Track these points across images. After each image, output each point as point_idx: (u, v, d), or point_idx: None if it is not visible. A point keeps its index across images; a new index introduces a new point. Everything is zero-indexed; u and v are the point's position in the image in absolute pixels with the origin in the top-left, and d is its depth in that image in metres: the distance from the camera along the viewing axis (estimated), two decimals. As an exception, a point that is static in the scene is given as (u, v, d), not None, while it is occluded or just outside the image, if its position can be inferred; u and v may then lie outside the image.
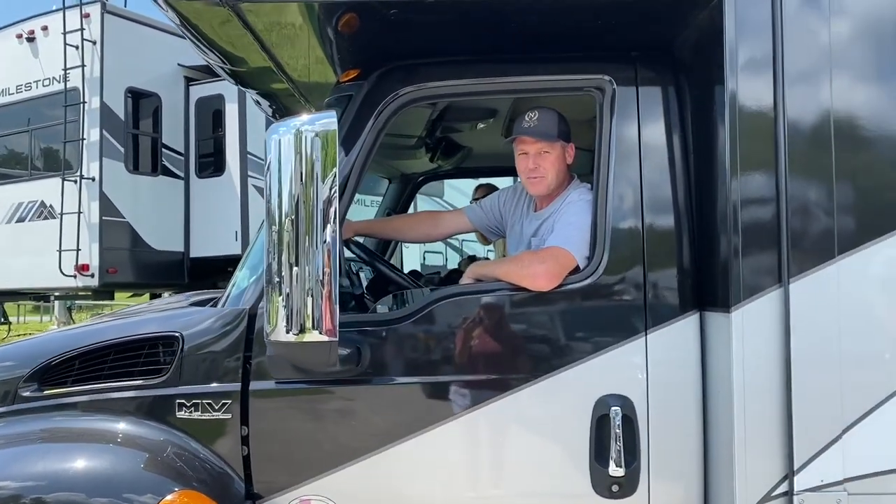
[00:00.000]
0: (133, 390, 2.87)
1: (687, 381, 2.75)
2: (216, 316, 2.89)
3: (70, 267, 10.79)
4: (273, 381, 2.76)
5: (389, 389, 2.79)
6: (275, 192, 2.31)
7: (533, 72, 2.95)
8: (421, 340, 2.78)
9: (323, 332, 2.25)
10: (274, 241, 2.32)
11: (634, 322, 2.75)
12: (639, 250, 2.79)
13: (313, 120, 2.29)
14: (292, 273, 2.25)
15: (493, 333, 2.79)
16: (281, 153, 2.30)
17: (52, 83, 11.28)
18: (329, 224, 2.32)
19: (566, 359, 2.75)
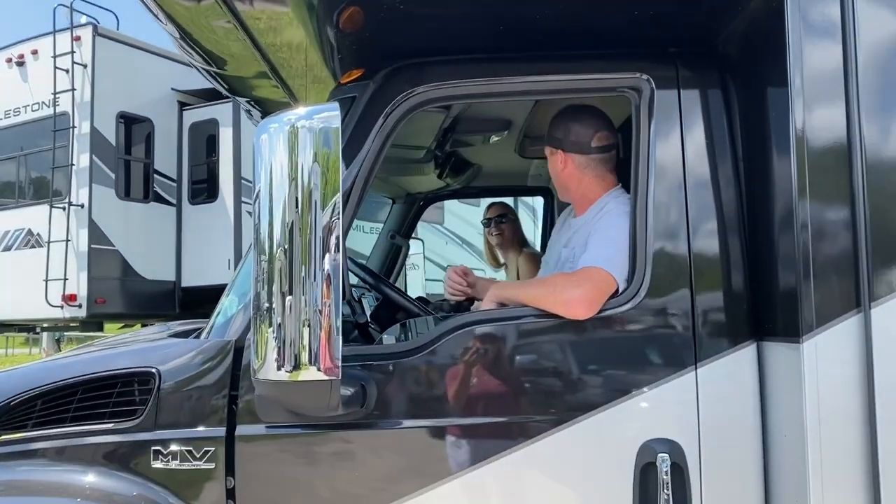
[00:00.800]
0: (102, 435, 2.48)
1: (744, 421, 2.37)
2: (198, 349, 2.51)
3: (57, 297, 10.38)
4: (263, 424, 2.37)
5: (399, 435, 2.40)
6: (264, 206, 1.95)
7: (559, 70, 2.60)
8: (435, 376, 2.40)
9: (322, 370, 1.87)
10: (263, 268, 1.95)
11: (682, 354, 2.38)
12: (685, 271, 2.42)
13: (312, 113, 1.93)
14: (285, 302, 1.88)
15: (518, 368, 2.41)
16: (272, 157, 1.94)
17: (42, 108, 10.97)
18: (331, 247, 1.95)
19: (604, 398, 2.37)
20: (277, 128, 1.93)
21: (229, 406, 2.40)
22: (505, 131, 3.70)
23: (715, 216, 2.46)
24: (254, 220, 1.98)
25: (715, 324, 2.40)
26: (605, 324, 2.41)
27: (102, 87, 10.68)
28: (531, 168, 4.71)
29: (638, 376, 2.37)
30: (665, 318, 2.40)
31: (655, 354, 2.40)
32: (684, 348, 2.38)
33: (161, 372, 2.46)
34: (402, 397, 2.39)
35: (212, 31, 2.77)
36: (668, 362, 2.38)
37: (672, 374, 2.37)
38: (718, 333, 2.40)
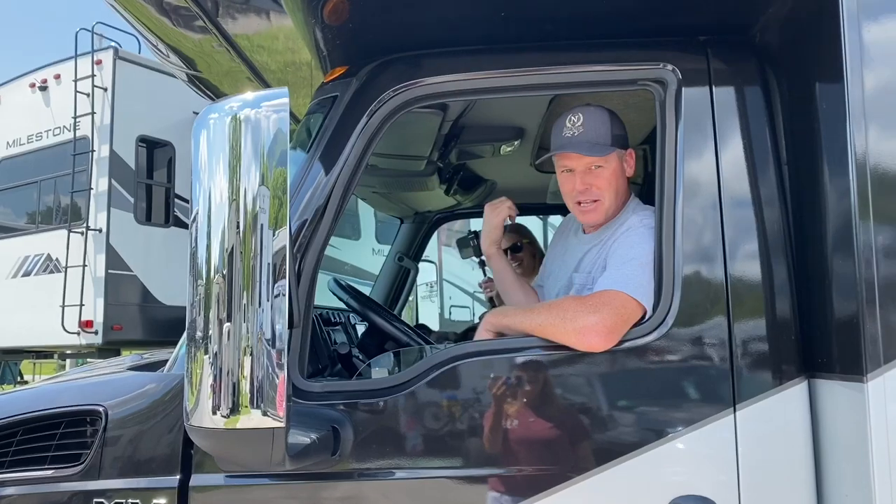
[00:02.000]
0: (42, 484, 2.15)
1: (793, 475, 1.98)
2: (152, 384, 2.18)
3: (73, 323, 10.16)
4: (222, 473, 2.03)
5: (384, 487, 2.03)
6: (201, 217, 1.62)
7: (568, 61, 2.25)
8: (420, 418, 2.03)
9: (266, 414, 1.52)
10: (199, 294, 1.61)
11: (718, 393, 2.00)
12: (721, 295, 2.04)
13: (259, 100, 1.60)
14: (222, 330, 1.54)
15: (520, 410, 2.03)
16: (209, 152, 1.61)
17: (63, 132, 10.87)
18: (282, 267, 1.60)
19: (624, 447, 1.98)
20: (216, 118, 1.60)
21: (184, 451, 2.06)
22: (517, 140, 3.34)
23: (756, 232, 2.09)
24: (189, 234, 1.65)
25: (757, 357, 2.01)
26: (624, 357, 2.03)
27: (122, 110, 10.54)
28: (550, 184, 4.33)
29: (665, 420, 1.99)
30: (697, 350, 2.02)
31: (686, 394, 2.02)
32: (720, 386, 2.00)
33: (108, 410, 2.13)
34: (384, 443, 2.02)
35: (193, 41, 2.51)
36: (701, 403, 2.00)
37: (706, 418, 1.98)
38: (761, 369, 2.01)
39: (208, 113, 1.64)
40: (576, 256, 2.40)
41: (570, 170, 2.33)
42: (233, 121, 1.61)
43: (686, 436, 1.98)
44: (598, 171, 2.29)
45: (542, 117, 3.14)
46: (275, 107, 1.59)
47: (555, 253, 2.64)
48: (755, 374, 2.00)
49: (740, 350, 2.00)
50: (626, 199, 2.37)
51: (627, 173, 2.36)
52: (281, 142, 1.61)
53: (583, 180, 2.31)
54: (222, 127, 1.63)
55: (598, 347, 1.99)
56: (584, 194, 2.31)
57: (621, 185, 2.34)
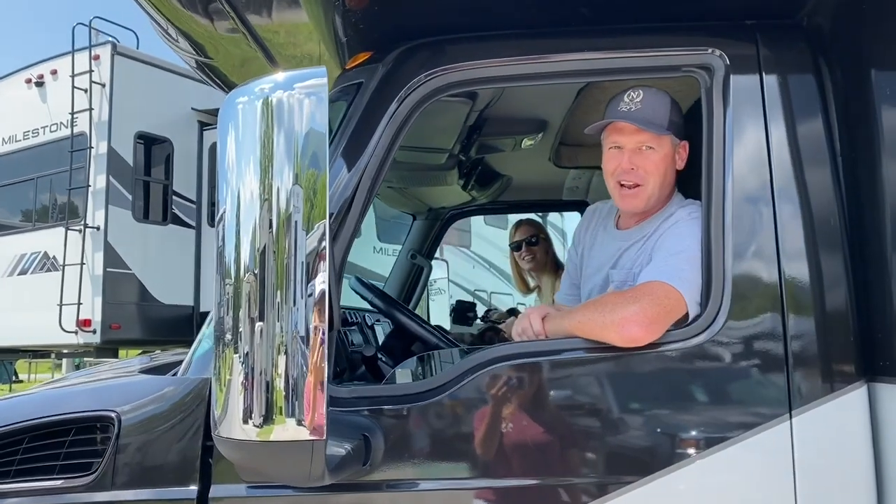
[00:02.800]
0: (50, 495, 2.02)
1: (854, 485, 1.86)
2: (168, 388, 2.04)
3: (71, 322, 10.01)
4: (244, 484, 1.90)
5: (414, 499, 1.91)
6: (229, 213, 1.50)
7: (609, 46, 2.12)
8: (457, 425, 1.90)
9: (304, 425, 1.39)
10: (228, 293, 1.49)
11: (773, 399, 1.88)
12: (775, 294, 1.92)
13: (292, 81, 1.46)
14: (254, 329, 1.41)
15: (561, 416, 1.91)
16: (238, 140, 1.48)
17: (60, 128, 10.71)
18: (317, 266, 1.48)
19: (672, 456, 1.86)
20: (246, 101, 1.47)
21: (203, 460, 1.93)
22: (539, 134, 3.22)
23: (811, 228, 1.97)
24: (217, 232, 1.53)
25: (814, 360, 1.89)
26: (671, 359, 1.90)
27: (120, 106, 10.39)
28: (567, 180, 4.21)
29: (716, 427, 1.87)
30: (750, 352, 1.90)
31: (738, 399, 1.90)
32: (775, 391, 1.88)
33: (121, 417, 2.00)
34: (417, 451, 1.89)
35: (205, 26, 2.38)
36: (754, 409, 1.88)
37: (760, 425, 1.86)
38: (818, 372, 1.90)
39: (236, 97, 1.51)
40: (611, 252, 2.27)
41: (618, 147, 2.19)
42: (264, 106, 1.48)
43: (739, 444, 1.85)
44: (648, 152, 2.17)
45: (567, 110, 3.02)
46: (310, 88, 1.46)
47: (583, 249, 2.50)
48: (812, 377, 1.88)
49: (796, 352, 1.88)
50: (670, 192, 2.25)
51: (678, 165, 2.23)
52: (318, 133, 1.47)
53: (630, 160, 2.17)
54: (252, 114, 1.50)
55: (640, 339, 1.86)
56: (628, 174, 2.17)
57: (668, 175, 2.21)
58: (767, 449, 1.85)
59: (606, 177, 2.24)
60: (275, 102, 1.49)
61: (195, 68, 3.00)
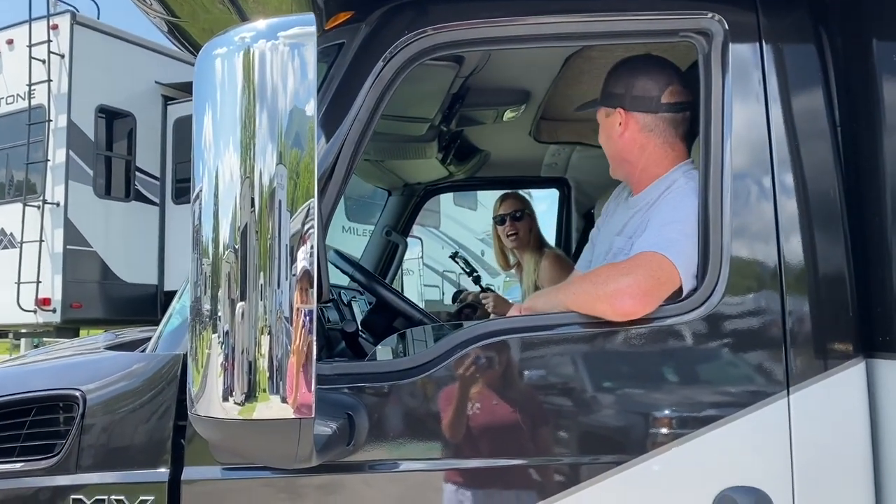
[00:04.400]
0: (10, 478, 1.89)
1: (852, 462, 1.81)
2: (136, 365, 1.93)
3: (30, 301, 9.74)
4: (218, 466, 1.79)
5: (399, 480, 1.82)
6: (207, 183, 1.38)
7: (603, 7, 2.03)
8: (444, 403, 1.82)
9: (289, 403, 1.29)
10: (205, 272, 1.38)
11: (770, 375, 1.82)
12: (774, 269, 1.85)
13: (276, 29, 1.35)
14: (235, 309, 1.31)
15: (554, 394, 1.83)
16: (216, 104, 1.37)
17: (17, 101, 10.35)
18: (305, 241, 1.38)
19: (668, 434, 1.80)
20: (226, 52, 1.35)
21: (175, 441, 1.83)
22: (522, 105, 3.13)
23: (810, 201, 1.90)
24: (193, 209, 1.41)
25: (812, 336, 1.84)
26: (666, 335, 1.84)
27: (81, 78, 10.07)
28: (546, 156, 4.14)
29: (712, 404, 1.81)
30: (747, 328, 1.84)
31: (735, 375, 1.84)
32: (773, 367, 1.82)
33: (86, 395, 1.88)
34: (404, 430, 1.80)
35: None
36: (751, 385, 1.82)
37: (757, 402, 1.81)
38: (817, 348, 1.84)
39: (213, 48, 1.38)
40: (621, 220, 2.21)
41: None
42: (245, 60, 1.36)
43: (735, 421, 1.80)
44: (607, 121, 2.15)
45: (551, 81, 2.93)
46: (298, 39, 1.34)
47: (600, 223, 2.45)
48: (810, 353, 1.83)
49: (794, 327, 1.83)
50: (670, 161, 2.17)
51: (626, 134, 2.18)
52: (304, 94, 1.37)
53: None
54: (231, 71, 1.38)
55: (633, 312, 1.79)
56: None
57: (633, 144, 2.17)
58: (764, 426, 1.79)
59: None
60: (257, 56, 1.37)
61: (166, 33, 2.84)
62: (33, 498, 1.87)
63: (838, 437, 1.82)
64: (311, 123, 1.42)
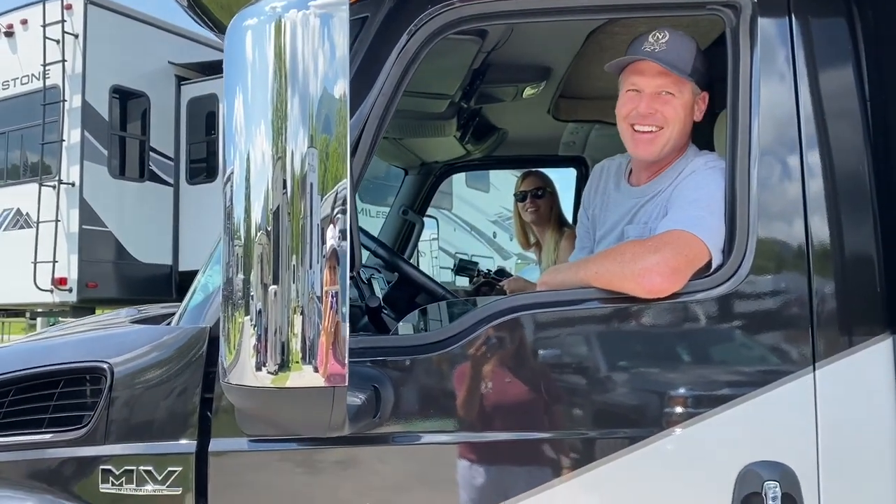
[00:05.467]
0: (39, 449, 1.93)
1: (878, 439, 1.81)
2: (163, 338, 1.94)
3: (46, 281, 9.83)
4: (245, 438, 1.81)
5: (423, 452, 1.83)
6: (237, 156, 1.39)
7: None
8: (469, 377, 1.82)
9: (321, 373, 1.30)
10: (237, 254, 1.40)
11: (796, 351, 1.81)
12: (801, 244, 1.84)
13: (306, 0, 1.34)
14: (268, 291, 1.32)
15: (578, 368, 1.83)
16: (249, 77, 1.37)
17: (32, 81, 10.38)
18: (339, 217, 1.39)
19: (693, 409, 1.80)
20: (256, 23, 1.35)
21: (202, 413, 1.85)
22: (542, 82, 3.11)
23: (839, 177, 1.88)
24: (224, 191, 1.42)
25: (839, 312, 1.83)
26: (692, 310, 1.83)
27: (95, 58, 10.09)
28: (564, 134, 4.12)
29: (737, 380, 1.81)
30: (774, 303, 1.83)
31: (760, 351, 1.83)
32: (799, 343, 1.81)
33: (114, 368, 1.90)
34: (429, 403, 1.81)
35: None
36: (777, 362, 1.81)
37: (782, 378, 1.80)
38: (843, 324, 1.83)
39: (243, 20, 1.38)
40: (627, 209, 2.18)
41: (637, 90, 2.08)
42: (276, 31, 1.36)
43: (760, 398, 1.79)
44: (668, 98, 2.06)
45: (573, 57, 2.91)
46: (327, 8, 1.34)
47: (594, 211, 2.40)
48: (837, 329, 1.82)
49: (821, 303, 1.82)
50: (685, 144, 2.15)
51: (696, 117, 2.13)
52: (335, 75, 1.37)
53: (649, 104, 2.06)
54: (262, 47, 1.38)
55: (660, 290, 1.78)
56: (644, 119, 2.06)
57: (686, 125, 2.11)
58: (790, 402, 1.79)
59: (620, 121, 2.14)
60: (288, 29, 1.37)
61: (185, 7, 2.83)
62: (63, 468, 1.90)
63: (864, 414, 1.81)
64: (342, 104, 1.43)
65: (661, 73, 2.05)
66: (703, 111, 2.16)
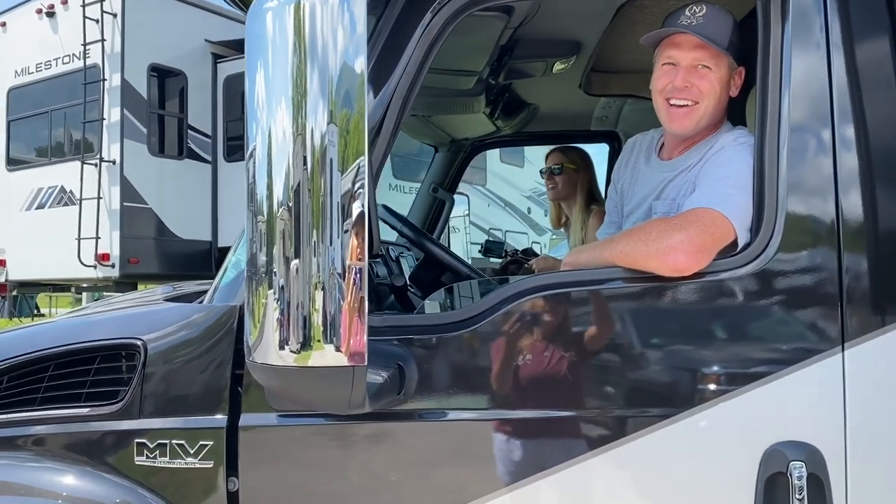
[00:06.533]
0: (76, 422, 1.99)
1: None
2: (195, 315, 1.99)
3: (90, 256, 10.08)
4: (274, 413, 1.85)
5: (447, 428, 1.86)
6: (259, 132, 1.42)
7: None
8: (492, 355, 1.84)
9: (342, 351, 1.32)
10: (260, 230, 1.42)
11: (824, 330, 1.79)
12: (831, 222, 1.81)
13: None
14: (290, 267, 1.35)
15: (603, 347, 1.83)
16: (270, 54, 1.39)
17: (73, 60, 10.57)
18: (360, 193, 1.40)
19: (718, 388, 1.79)
20: (276, 8, 1.36)
21: (232, 389, 1.89)
22: (572, 57, 3.07)
23: (872, 152, 1.84)
24: (247, 168, 1.45)
25: (869, 292, 1.80)
26: (719, 289, 1.81)
27: (133, 37, 10.21)
28: (596, 109, 4.07)
29: (764, 360, 1.79)
30: (802, 282, 1.80)
31: (788, 331, 1.81)
32: (827, 323, 1.78)
33: (147, 344, 1.95)
34: (452, 381, 1.83)
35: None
36: (804, 341, 1.79)
37: (810, 358, 1.77)
38: (874, 305, 1.80)
39: (263, 3, 1.40)
40: (655, 184, 2.16)
41: (673, 63, 2.06)
42: (295, 15, 1.37)
43: (787, 377, 1.78)
44: (704, 71, 2.04)
45: (603, 31, 2.87)
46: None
47: (623, 185, 2.38)
48: (866, 309, 1.79)
49: (850, 283, 1.79)
50: (720, 120, 2.12)
51: (732, 92, 2.10)
52: (354, 51, 1.38)
53: (685, 77, 2.04)
54: (282, 25, 1.39)
55: (686, 268, 1.77)
56: (680, 93, 2.04)
57: (722, 100, 2.08)
58: (818, 383, 1.77)
59: (655, 95, 2.12)
60: (307, 9, 1.38)
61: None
62: (100, 441, 1.97)
63: (893, 395, 1.78)
64: (362, 80, 1.44)
65: (698, 47, 2.02)
66: (740, 87, 2.13)
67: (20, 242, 11.05)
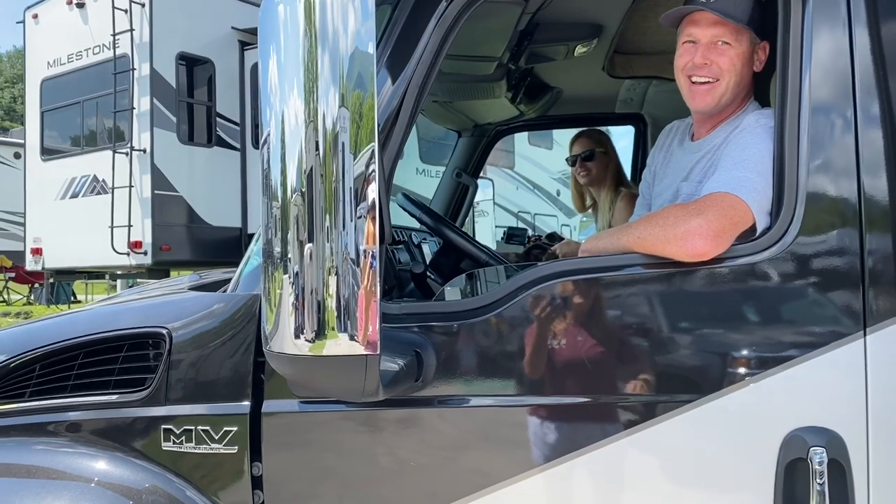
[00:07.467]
0: (106, 409, 2.05)
1: (931, 407, 1.75)
2: (217, 305, 2.03)
3: (122, 244, 10.26)
4: (297, 399, 1.89)
5: (467, 414, 1.88)
6: (272, 118, 1.43)
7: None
8: (510, 342, 1.85)
9: (357, 340, 1.34)
10: (275, 216, 1.44)
11: (846, 316, 1.76)
12: (853, 207, 1.78)
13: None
14: (304, 251, 1.37)
15: (621, 333, 1.83)
16: (282, 39, 1.40)
17: (103, 50, 10.71)
18: (371, 184, 1.42)
19: (737, 374, 1.78)
20: (288, 2, 1.38)
21: (255, 376, 1.93)
22: (594, 40, 3.04)
23: (895, 133, 1.80)
24: (261, 154, 1.47)
25: (892, 276, 1.76)
26: (738, 274, 1.80)
27: (161, 26, 10.32)
28: (621, 91, 4.03)
29: (784, 344, 1.77)
30: (823, 266, 1.78)
31: (809, 315, 1.79)
32: (849, 307, 1.76)
33: (173, 333, 1.99)
34: (470, 368, 1.85)
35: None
36: (825, 327, 1.77)
37: (831, 343, 1.75)
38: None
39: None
40: (684, 166, 2.15)
41: (693, 41, 2.05)
42: (306, 9, 1.38)
43: (808, 363, 1.76)
44: (724, 48, 2.02)
45: (624, 13, 2.84)
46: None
47: (656, 168, 2.38)
48: (889, 294, 1.76)
49: (873, 267, 1.76)
50: (745, 97, 2.10)
51: (756, 67, 2.07)
52: (365, 35, 1.39)
53: (704, 54, 2.02)
54: (293, 11, 1.41)
55: (705, 253, 1.76)
56: (700, 70, 2.03)
57: (745, 76, 2.06)
58: (839, 367, 1.75)
59: (677, 73, 2.10)
60: (317, 3, 1.39)
61: None
62: (129, 427, 2.02)
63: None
64: (372, 65, 1.45)
65: (717, 23, 1.99)
66: (764, 62, 2.09)
67: (55, 231, 11.29)
